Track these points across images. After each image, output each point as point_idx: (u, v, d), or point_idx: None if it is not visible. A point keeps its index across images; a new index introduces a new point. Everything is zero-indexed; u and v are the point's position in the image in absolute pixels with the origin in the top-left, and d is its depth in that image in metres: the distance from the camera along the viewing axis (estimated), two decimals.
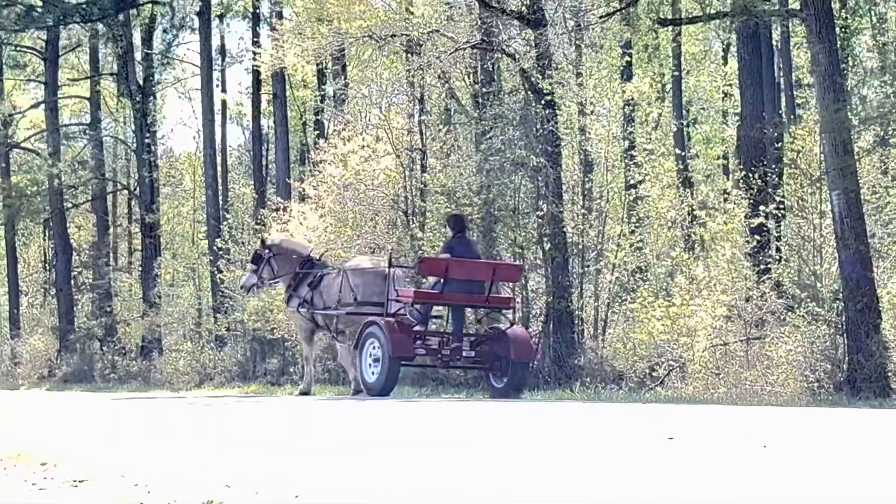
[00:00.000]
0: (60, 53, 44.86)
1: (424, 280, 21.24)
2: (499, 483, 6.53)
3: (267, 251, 21.53)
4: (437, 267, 19.03)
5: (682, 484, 6.28)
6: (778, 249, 20.71)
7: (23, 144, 47.72)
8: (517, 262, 21.71)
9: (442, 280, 18.96)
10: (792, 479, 6.39)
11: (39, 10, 39.78)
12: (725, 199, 23.84)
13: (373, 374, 18.82)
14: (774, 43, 26.44)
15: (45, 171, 43.29)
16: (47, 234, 49.13)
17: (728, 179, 26.18)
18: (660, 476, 6.64)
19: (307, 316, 21.22)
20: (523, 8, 23.61)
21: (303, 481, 6.80)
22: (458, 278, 19.01)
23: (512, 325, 19.55)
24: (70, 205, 45.32)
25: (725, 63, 34.05)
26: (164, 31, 42.53)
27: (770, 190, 21.94)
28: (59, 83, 45.11)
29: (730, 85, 32.25)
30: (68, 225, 44.77)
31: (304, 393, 21.28)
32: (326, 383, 24.57)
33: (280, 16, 35.65)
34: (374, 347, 18.93)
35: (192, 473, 7.41)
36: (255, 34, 39.78)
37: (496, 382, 19.13)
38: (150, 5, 40.78)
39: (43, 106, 45.25)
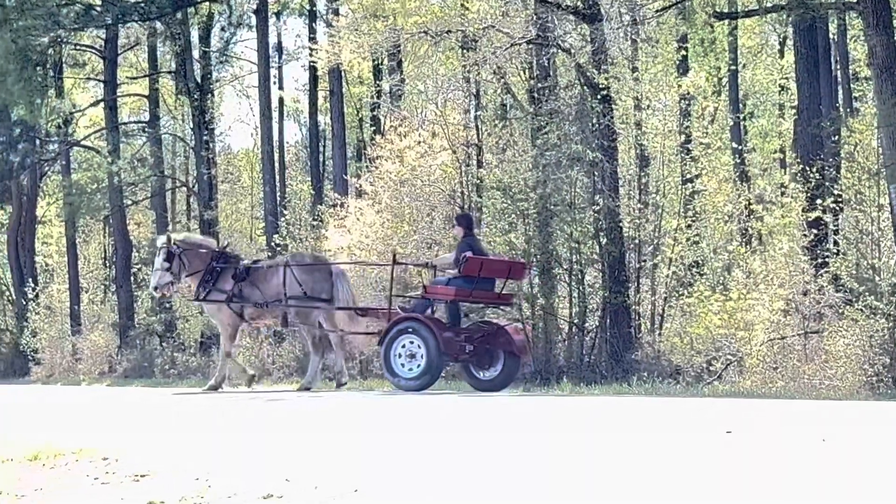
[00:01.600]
0: (119, 52, 45.07)
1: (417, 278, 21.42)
2: (575, 471, 6.53)
3: (176, 247, 21.33)
4: (476, 266, 19.10)
5: (740, 477, 6.24)
6: (835, 243, 20.59)
7: (83, 142, 48.03)
8: (524, 261, 21.70)
9: (474, 278, 19.10)
10: (850, 473, 6.34)
11: (98, 8, 39.97)
12: (782, 193, 23.70)
13: (409, 370, 18.83)
14: (831, 36, 26.28)
15: (104, 169, 43.52)
16: (107, 230, 49.42)
17: (785, 173, 26.03)
18: (718, 469, 6.61)
19: (236, 310, 21.19)
20: (579, 3, 23.56)
21: (361, 474, 6.80)
22: (485, 276, 19.37)
23: (516, 321, 20.32)
24: (129, 202, 45.50)
25: (782, 56, 33.88)
26: (222, 28, 42.69)
27: (827, 184, 21.78)
28: (119, 81, 45.33)
29: (786, 78, 32.09)
30: (128, 222, 44.99)
31: (214, 388, 21.28)
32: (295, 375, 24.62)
33: (336, 12, 35.67)
34: (411, 344, 18.97)
35: (252, 467, 7.43)
36: (312, 31, 39.87)
37: (480, 375, 19.33)
38: (207, 3, 40.91)
39: (102, 104, 45.43)
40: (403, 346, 18.85)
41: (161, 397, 19.39)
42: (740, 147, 28.04)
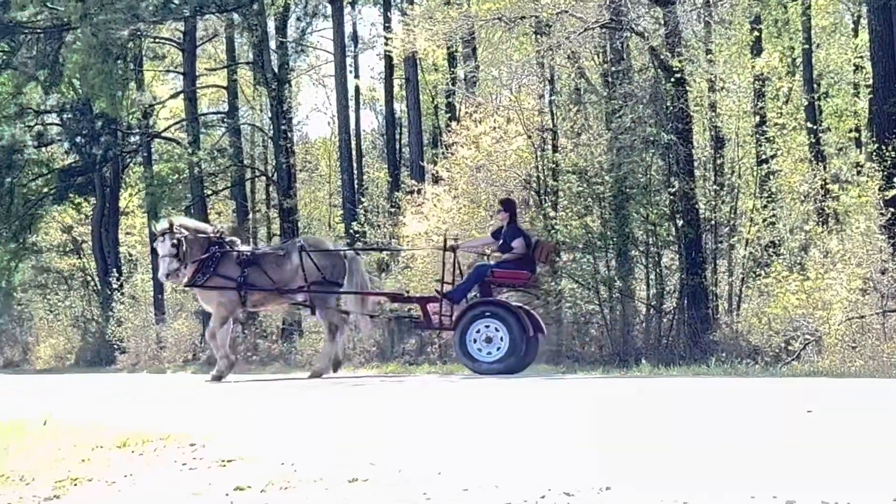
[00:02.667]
0: (198, 44, 45.37)
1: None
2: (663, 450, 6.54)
3: (180, 232, 20.36)
4: (545, 251, 19.33)
5: (821, 455, 6.22)
6: None
7: (163, 134, 48.37)
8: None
9: (536, 262, 19.24)
10: None
11: (177, 1, 40.28)
12: (858, 172, 23.54)
13: (489, 353, 18.71)
14: None
15: (185, 160, 43.90)
16: None
17: (861, 152, 25.84)
18: (800, 447, 6.58)
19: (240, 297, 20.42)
20: None
21: (444, 458, 6.83)
22: (542, 261, 19.58)
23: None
24: (210, 191, 45.84)
25: (856, 35, 33.54)
26: (298, 19, 42.90)
27: None
28: (197, 73, 45.65)
29: (861, 57, 31.75)
30: (209, 211, 45.30)
31: (218, 378, 20.35)
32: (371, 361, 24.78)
33: (411, 1, 35.73)
34: (487, 328, 18.71)
35: (337, 452, 7.47)
36: (387, 20, 39.94)
37: (484, 356, 18.86)
38: None
39: (182, 96, 45.81)
40: (478, 331, 18.79)
41: (245, 385, 19.50)
42: (815, 127, 27.84)
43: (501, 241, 19.36)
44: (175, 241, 20.03)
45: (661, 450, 6.90)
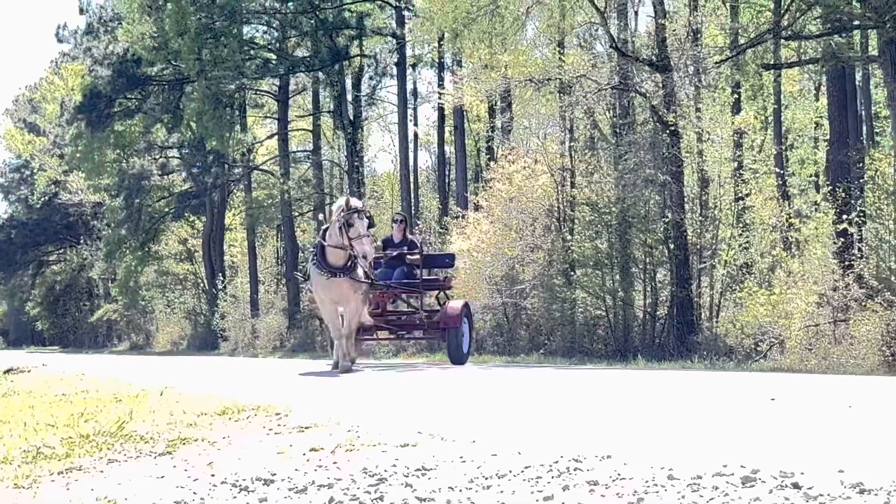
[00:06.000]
0: (290, 95, 45.55)
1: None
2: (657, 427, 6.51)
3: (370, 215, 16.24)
4: None
5: (784, 433, 6.19)
6: (859, 249, 20.27)
7: (261, 167, 48.66)
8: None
9: None
10: (872, 430, 6.26)
11: (273, 62, 40.53)
12: (816, 209, 23.40)
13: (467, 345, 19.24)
14: (857, 82, 25.84)
15: (277, 188, 44.06)
16: (279, 236, 49.95)
17: (818, 193, 25.64)
18: (764, 427, 6.56)
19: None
20: (653, 57, 23.46)
21: (478, 428, 6.83)
22: None
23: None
24: (297, 213, 45.98)
25: (817, 99, 33.36)
26: (370, 77, 42.99)
27: (853, 201, 21.51)
28: (289, 119, 45.83)
29: (821, 117, 31.57)
30: (295, 229, 45.44)
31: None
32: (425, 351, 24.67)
33: (460, 64, 35.79)
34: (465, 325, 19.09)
35: (393, 422, 7.48)
36: (440, 79, 40.06)
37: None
38: (359, 58, 41.23)
39: (276, 137, 46.01)
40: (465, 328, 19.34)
41: (321, 368, 19.50)
42: (782, 172, 27.69)
43: (408, 248, 19.15)
44: (368, 219, 15.81)
45: (653, 426, 6.87)
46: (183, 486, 5.30)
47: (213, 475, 5.54)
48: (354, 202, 16.01)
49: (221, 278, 45.42)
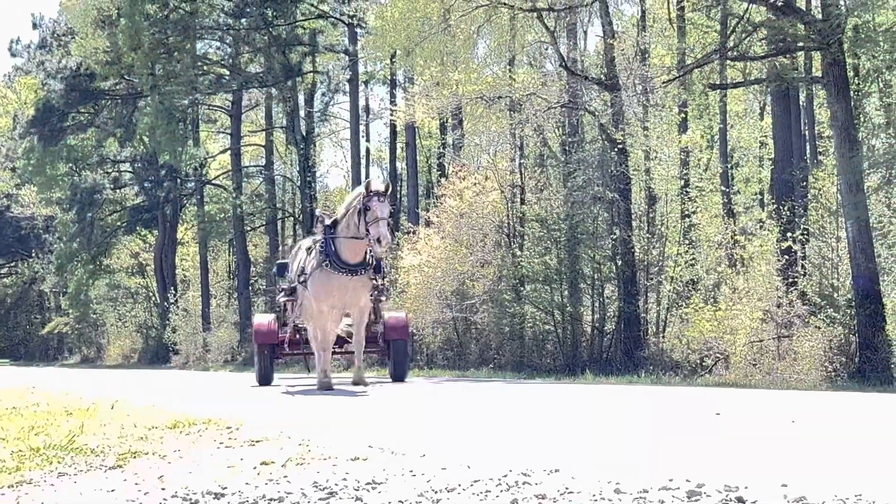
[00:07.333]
0: (243, 111, 45.46)
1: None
2: (590, 441, 6.53)
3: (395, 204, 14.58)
4: None
5: (728, 447, 6.23)
6: (803, 267, 20.45)
7: (213, 181, 48.48)
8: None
9: None
10: (814, 445, 6.32)
11: (227, 78, 40.43)
12: (761, 227, 23.58)
13: None
14: (801, 103, 26.08)
15: (230, 202, 43.93)
16: (231, 250, 49.76)
17: (763, 211, 25.85)
18: (710, 441, 6.60)
19: None
20: (602, 76, 23.63)
21: (428, 443, 6.83)
22: None
23: None
24: (249, 228, 45.86)
25: (762, 119, 33.66)
26: (323, 94, 43.00)
27: (797, 219, 21.72)
28: (241, 134, 45.71)
29: (765, 136, 31.84)
30: (247, 244, 45.28)
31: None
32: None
33: (412, 81, 35.81)
34: None
35: (344, 435, 7.47)
36: (392, 96, 40.06)
37: None
38: (311, 74, 41.21)
39: (229, 152, 45.90)
40: None
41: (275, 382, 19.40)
42: (728, 190, 27.89)
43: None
44: (392, 208, 14.17)
45: (601, 440, 6.90)
46: (133, 499, 5.26)
47: (163, 489, 5.51)
48: (376, 184, 13.91)
49: (173, 292, 45.22)
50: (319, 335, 14.96)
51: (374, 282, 15.16)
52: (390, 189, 13.84)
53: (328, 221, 14.66)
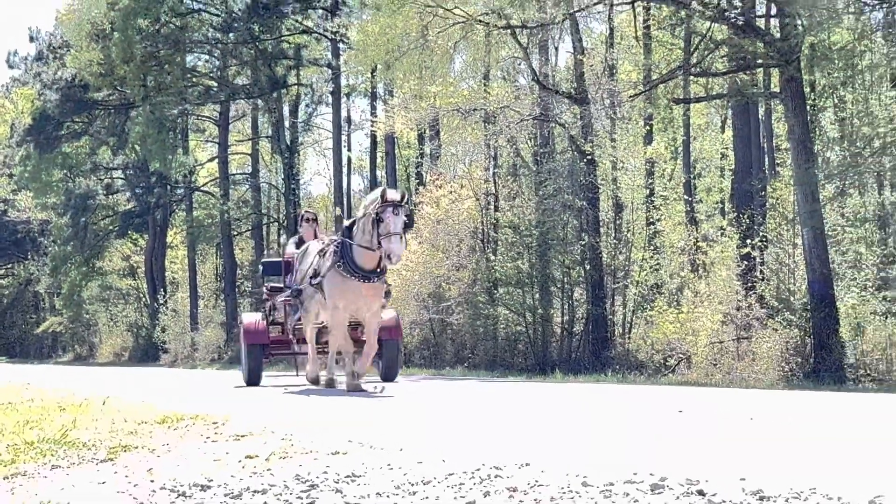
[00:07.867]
0: (230, 121, 45.37)
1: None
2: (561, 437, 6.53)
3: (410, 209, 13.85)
4: None
5: (690, 443, 6.24)
6: (761, 272, 20.53)
7: (202, 188, 48.38)
8: None
9: None
10: (771, 441, 6.33)
11: (215, 89, 40.36)
12: (722, 234, 23.68)
13: None
14: (760, 117, 26.21)
15: (217, 208, 43.84)
16: (218, 254, 49.62)
17: (724, 219, 25.97)
18: (673, 436, 6.61)
19: None
20: (572, 90, 23.69)
21: (407, 438, 6.82)
22: None
23: None
24: (235, 233, 45.77)
25: (723, 132, 33.80)
26: (307, 105, 43.05)
27: (755, 227, 21.80)
28: (229, 143, 45.61)
29: (726, 148, 31.97)
30: (234, 248, 45.16)
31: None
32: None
33: (391, 94, 35.78)
34: None
35: (325, 431, 7.45)
36: (373, 107, 40.14)
37: None
38: (296, 86, 41.18)
39: (217, 160, 45.79)
40: None
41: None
42: (690, 199, 28.02)
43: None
44: (407, 217, 12.78)
45: (569, 436, 6.90)
46: (123, 491, 5.24)
47: (152, 481, 5.48)
48: (392, 194, 12.70)
49: (163, 293, 45.06)
50: (337, 335, 13.72)
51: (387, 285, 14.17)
52: (406, 198, 12.79)
53: (347, 223, 13.74)
